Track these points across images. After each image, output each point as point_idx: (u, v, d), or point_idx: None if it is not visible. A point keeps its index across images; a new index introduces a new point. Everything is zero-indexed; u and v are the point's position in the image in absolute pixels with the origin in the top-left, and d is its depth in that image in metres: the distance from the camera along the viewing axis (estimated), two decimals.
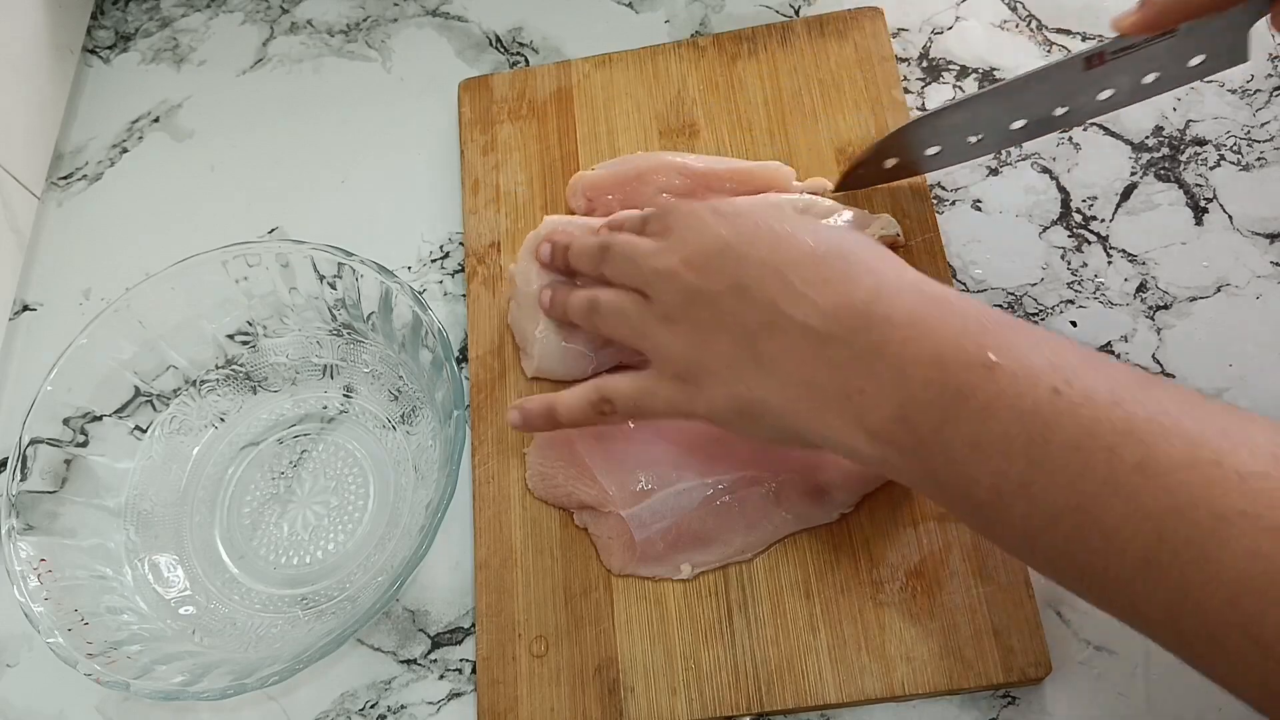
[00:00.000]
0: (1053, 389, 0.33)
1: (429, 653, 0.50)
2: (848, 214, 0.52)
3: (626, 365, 0.53)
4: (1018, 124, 0.50)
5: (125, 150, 0.67)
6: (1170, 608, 0.30)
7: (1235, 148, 0.55)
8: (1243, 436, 0.31)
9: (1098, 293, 0.52)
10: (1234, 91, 0.56)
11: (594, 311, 0.47)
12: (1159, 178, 0.55)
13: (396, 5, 0.69)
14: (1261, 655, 0.28)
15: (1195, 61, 0.47)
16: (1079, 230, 0.54)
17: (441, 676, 0.50)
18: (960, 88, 0.59)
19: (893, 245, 0.52)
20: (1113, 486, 0.31)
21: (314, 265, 0.53)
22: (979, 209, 0.55)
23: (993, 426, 0.34)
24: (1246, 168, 0.54)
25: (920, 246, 0.53)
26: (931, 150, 0.52)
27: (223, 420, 0.56)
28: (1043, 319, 0.52)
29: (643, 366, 0.53)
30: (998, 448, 0.34)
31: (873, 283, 0.38)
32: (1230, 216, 0.53)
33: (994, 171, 0.56)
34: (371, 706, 0.49)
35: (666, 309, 0.43)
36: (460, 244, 0.60)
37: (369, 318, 0.54)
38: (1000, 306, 0.53)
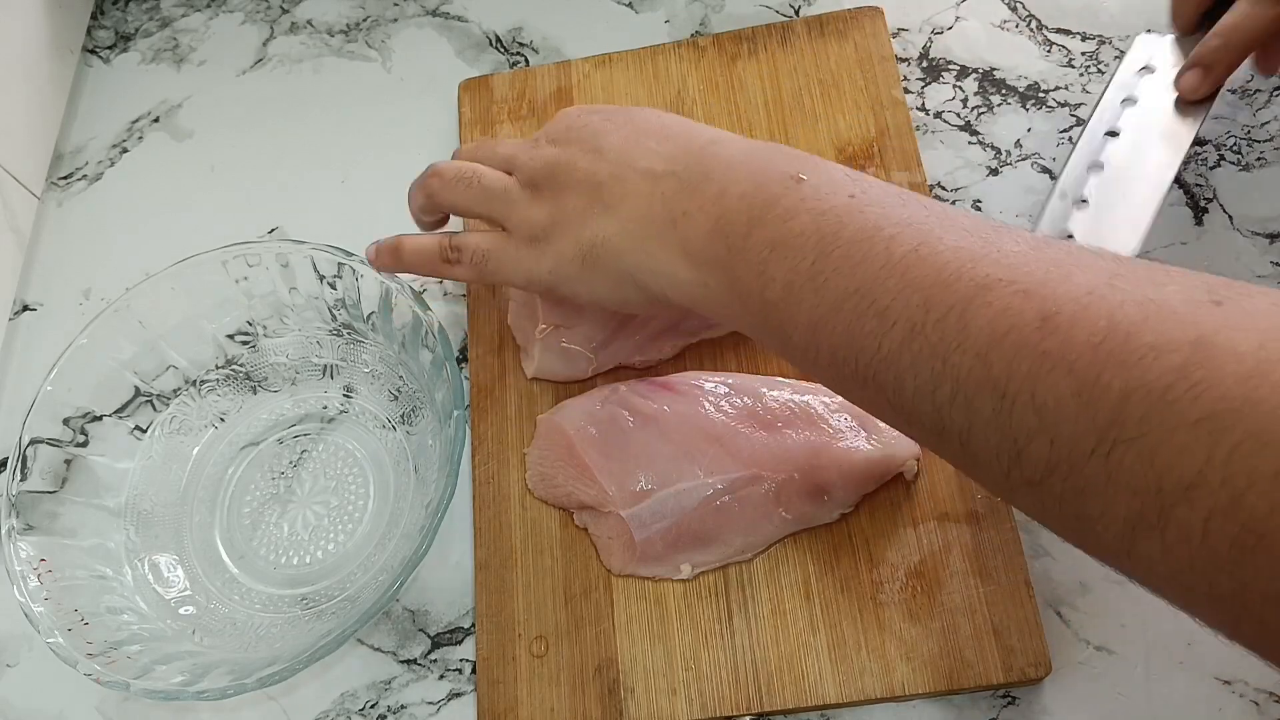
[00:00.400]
0: (849, 195, 0.37)
1: (429, 653, 0.50)
2: None
3: (628, 367, 0.53)
4: None
5: (125, 150, 0.67)
6: (931, 376, 0.32)
7: (1235, 148, 0.55)
8: (1011, 231, 0.34)
9: None
10: (1234, 92, 0.56)
11: (457, 178, 0.49)
12: None
13: (396, 5, 0.69)
14: (1006, 409, 0.30)
15: None
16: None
17: (441, 676, 0.50)
18: (960, 87, 0.59)
19: None
20: (890, 269, 0.34)
21: (314, 265, 0.53)
22: (979, 209, 0.55)
23: (792, 227, 0.37)
24: (1247, 168, 0.54)
25: None
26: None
27: (223, 420, 0.56)
28: None
29: (635, 364, 0.53)
30: (794, 245, 0.37)
31: (711, 135, 0.43)
32: (1230, 216, 0.53)
33: (994, 172, 0.56)
34: (371, 706, 0.49)
35: (529, 177, 0.46)
36: None
37: (369, 318, 0.54)
38: None
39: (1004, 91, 0.58)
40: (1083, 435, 0.28)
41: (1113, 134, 0.50)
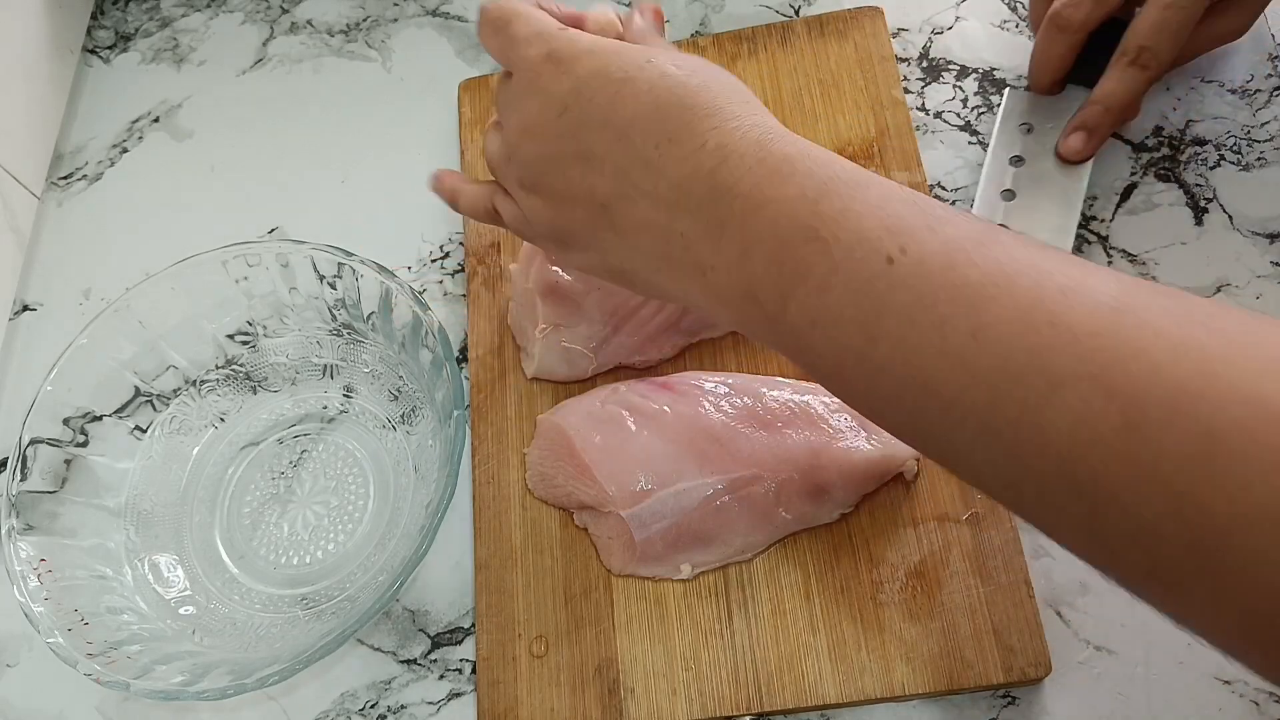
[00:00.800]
0: (886, 258, 0.32)
1: (429, 653, 0.50)
2: None
3: (628, 367, 0.53)
4: None
5: (125, 150, 0.67)
6: (1011, 475, 0.30)
7: (1235, 147, 0.55)
8: (1082, 293, 0.29)
9: None
10: (1234, 91, 0.56)
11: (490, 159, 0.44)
12: (1159, 177, 0.55)
13: (396, 5, 0.69)
14: (1096, 515, 0.28)
15: None
16: (1079, 230, 0.54)
17: (441, 676, 0.50)
18: (960, 88, 0.59)
19: None
20: (948, 358, 0.30)
21: (314, 265, 0.53)
22: None
23: (829, 302, 0.33)
24: (1246, 168, 0.54)
25: None
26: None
27: (223, 420, 0.56)
28: None
29: (635, 364, 0.53)
30: (835, 324, 0.33)
31: (716, 145, 0.36)
32: (1230, 216, 0.53)
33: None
34: (371, 706, 0.49)
35: (521, 177, 0.41)
36: (460, 244, 0.60)
37: (369, 318, 0.54)
38: None
39: (1004, 91, 0.58)
40: (1183, 556, 0.26)
41: (1008, 194, 0.53)
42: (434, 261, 0.60)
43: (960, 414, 0.30)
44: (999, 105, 0.56)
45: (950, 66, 0.60)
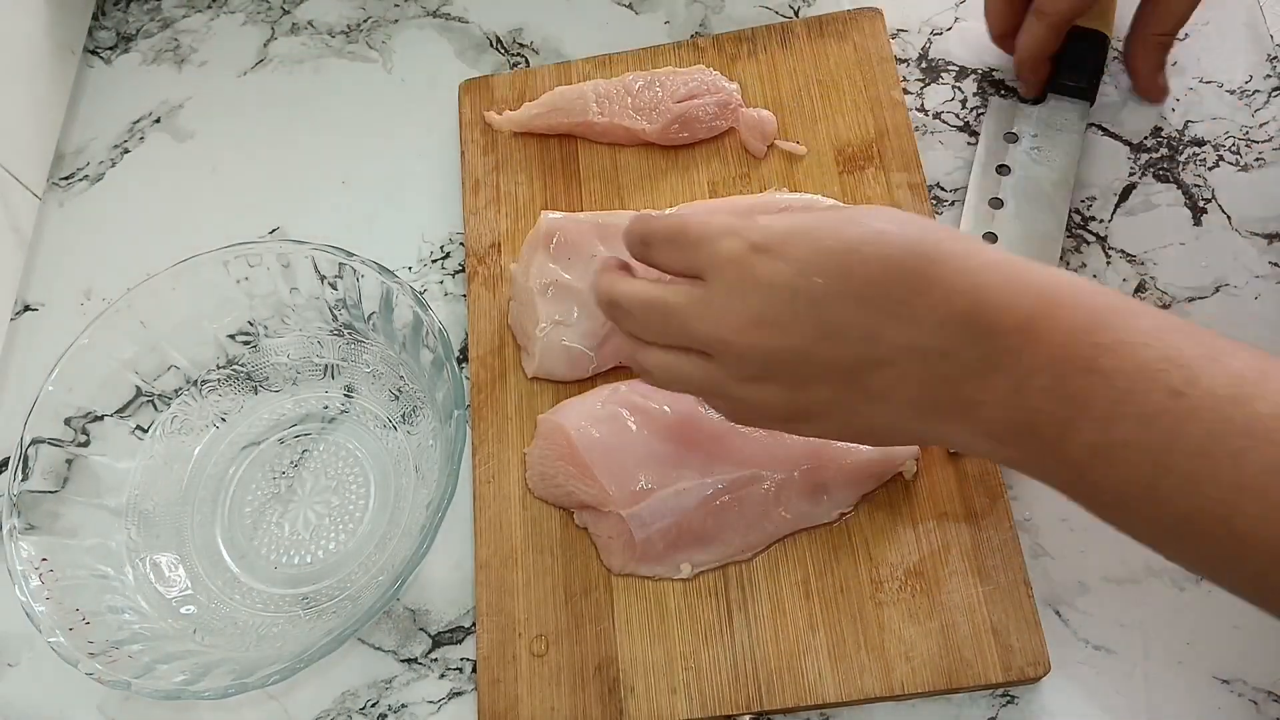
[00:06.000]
0: (1172, 390, 0.32)
1: (430, 652, 0.50)
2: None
3: (628, 366, 0.53)
4: None
5: (126, 151, 0.67)
6: None
7: (1234, 148, 0.55)
8: None
9: None
10: (1232, 92, 0.56)
11: (645, 376, 0.43)
12: (1158, 178, 0.55)
13: (397, 6, 0.69)
14: None
15: None
16: (1078, 230, 0.54)
17: (442, 675, 0.50)
18: (959, 88, 0.59)
19: None
20: (1241, 490, 0.31)
21: (315, 265, 0.53)
22: None
23: (1114, 434, 0.33)
24: (1245, 168, 0.54)
25: None
26: None
27: (224, 420, 0.56)
28: None
29: None
30: (1121, 455, 0.33)
31: (968, 284, 0.36)
32: (1229, 217, 0.53)
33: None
34: (372, 705, 0.50)
35: (746, 373, 0.39)
36: (461, 244, 0.60)
37: (370, 318, 0.54)
38: None
39: (1003, 92, 0.58)
40: None
41: (996, 202, 0.54)
42: (434, 261, 0.60)
43: (1255, 544, 0.31)
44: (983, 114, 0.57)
45: (949, 67, 0.60)
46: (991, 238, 0.53)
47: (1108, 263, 0.53)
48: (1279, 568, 0.31)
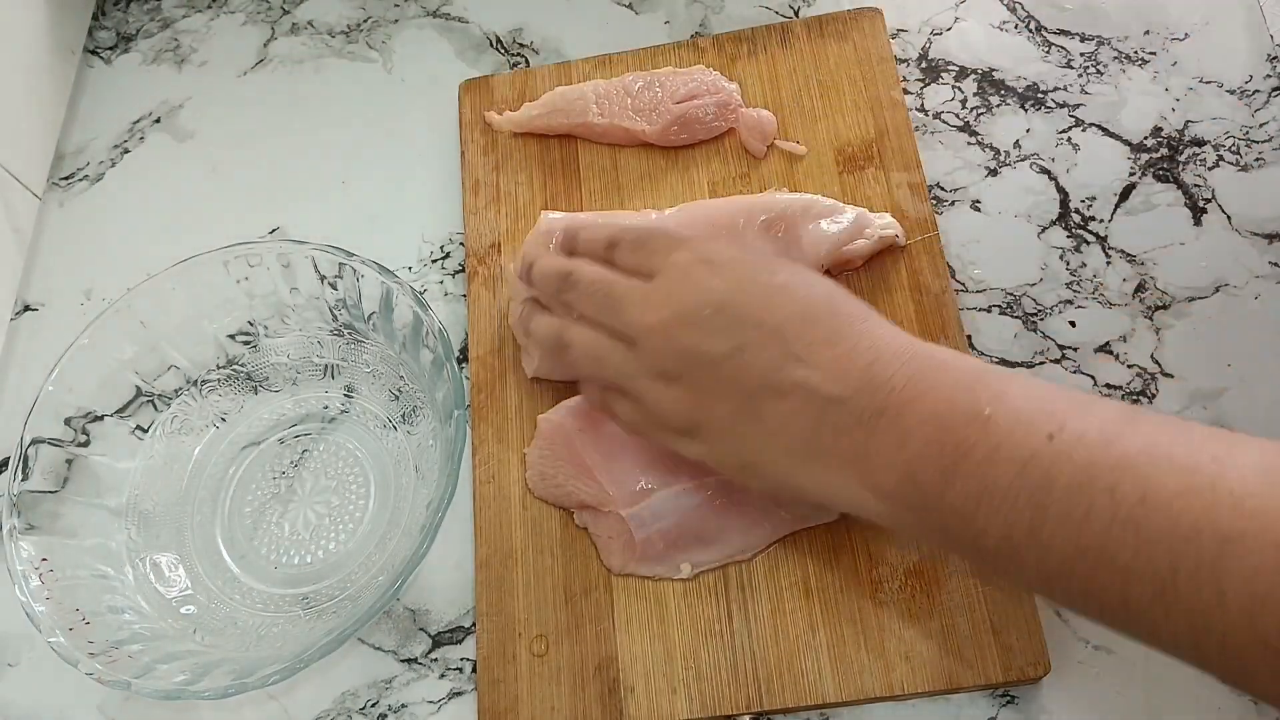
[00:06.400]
0: (1048, 435, 0.34)
1: (430, 652, 0.50)
2: (850, 212, 0.52)
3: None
4: None
5: (126, 151, 0.67)
6: (1190, 631, 0.31)
7: (1234, 148, 0.55)
8: (1231, 460, 0.32)
9: (1096, 293, 0.53)
10: (1232, 92, 0.56)
11: (563, 349, 0.46)
12: (1158, 178, 0.55)
13: (397, 6, 0.69)
14: None
15: None
16: (1078, 230, 0.54)
17: (442, 675, 0.50)
18: (959, 88, 0.59)
19: (892, 245, 0.52)
20: (1120, 523, 0.32)
21: (315, 265, 0.53)
22: (978, 209, 0.56)
23: (996, 478, 0.35)
24: (1245, 168, 0.54)
25: (920, 246, 0.53)
26: None
27: (224, 420, 0.56)
28: (1041, 319, 0.52)
29: None
30: (1003, 497, 0.35)
31: (868, 344, 0.39)
32: (1229, 217, 0.53)
33: (993, 172, 0.56)
34: (372, 705, 0.50)
35: (660, 366, 0.43)
36: (461, 244, 0.60)
37: (370, 318, 0.54)
38: (999, 307, 0.53)
39: (1003, 92, 0.58)
40: None
41: None
42: (434, 261, 0.60)
43: (1136, 577, 0.32)
44: None
45: (949, 67, 0.60)
46: None
47: (1108, 263, 0.53)
48: (1163, 600, 0.31)
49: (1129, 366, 0.51)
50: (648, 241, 0.45)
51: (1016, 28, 0.60)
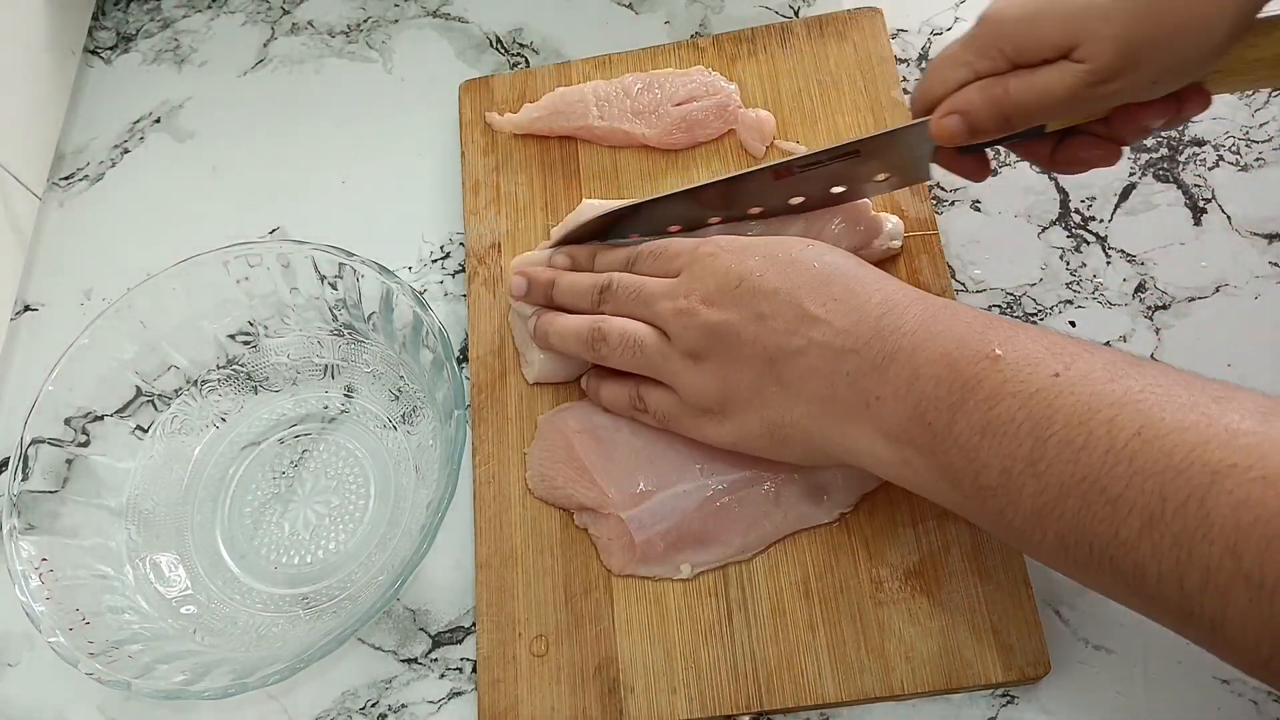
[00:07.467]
0: (1053, 373, 0.36)
1: (430, 652, 0.50)
2: (893, 220, 0.52)
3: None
4: (714, 219, 0.52)
5: (127, 151, 0.67)
6: (1176, 565, 0.32)
7: (1234, 148, 0.55)
8: (1231, 401, 0.33)
9: (1096, 293, 0.53)
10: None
11: (601, 342, 0.48)
12: (1158, 178, 0.55)
13: (397, 6, 0.69)
14: (1265, 600, 0.30)
15: (879, 178, 0.50)
16: (1078, 230, 0.54)
17: (442, 675, 0.50)
18: None
19: (891, 256, 0.52)
20: (1115, 454, 0.33)
21: (315, 265, 0.53)
22: (978, 209, 0.56)
23: (1000, 411, 0.36)
24: (1245, 168, 0.54)
25: (920, 246, 0.53)
26: (634, 236, 0.53)
27: (224, 420, 0.56)
28: (1041, 319, 0.52)
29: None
30: (1006, 430, 0.36)
31: (880, 298, 0.41)
32: (1229, 217, 0.53)
33: (993, 172, 0.56)
34: (372, 705, 0.50)
35: (690, 346, 0.45)
36: (461, 244, 0.60)
37: (370, 318, 0.54)
38: (999, 306, 0.53)
39: None
40: None
41: None
42: (434, 261, 0.60)
43: (1127, 507, 0.33)
44: None
45: None
46: None
47: (1108, 262, 0.53)
48: (1152, 530, 0.32)
49: None
50: (666, 249, 0.48)
51: None
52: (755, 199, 0.51)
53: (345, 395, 0.56)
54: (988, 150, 0.47)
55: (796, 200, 0.51)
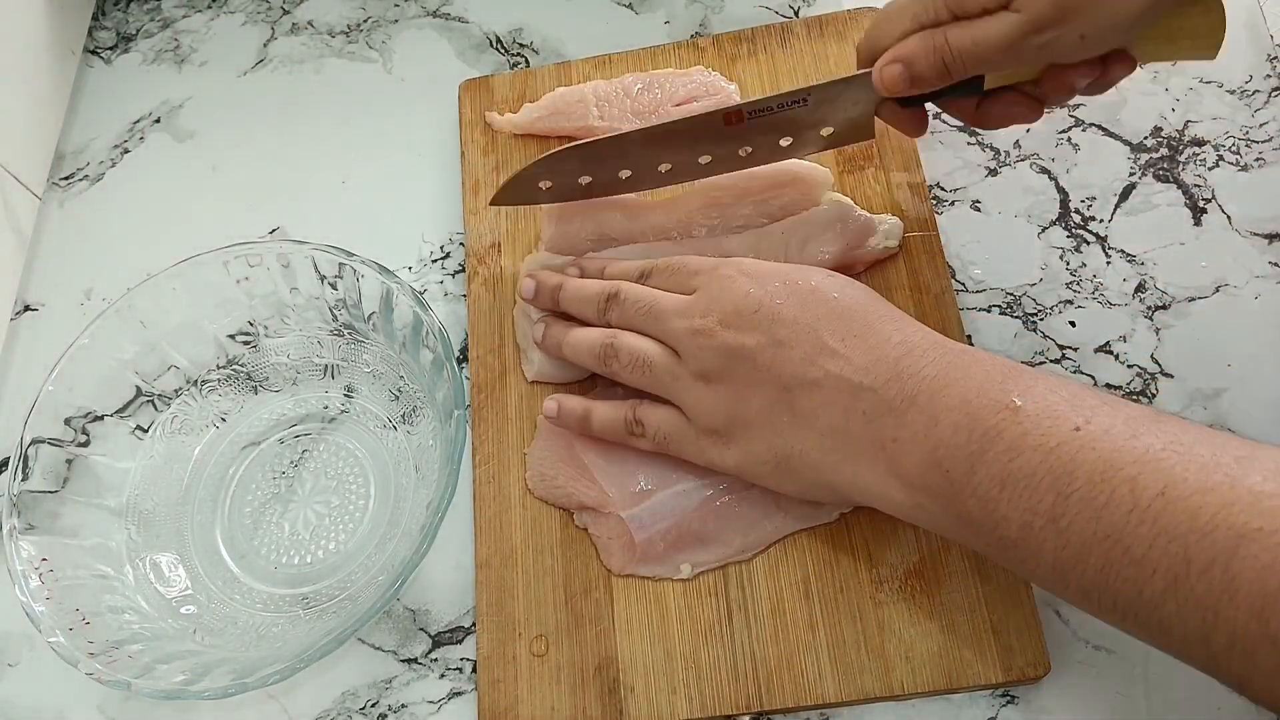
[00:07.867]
0: (1074, 426, 0.35)
1: (430, 652, 0.50)
2: (890, 220, 0.52)
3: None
4: (664, 167, 0.52)
5: (127, 151, 0.67)
6: (1201, 626, 0.32)
7: (1234, 148, 0.55)
8: (1253, 461, 0.32)
9: (1096, 293, 0.53)
10: (1232, 92, 0.56)
11: (612, 358, 0.48)
12: (1158, 178, 0.55)
13: (397, 6, 0.69)
14: None
15: (825, 132, 0.51)
16: (1078, 230, 0.54)
17: (442, 675, 0.50)
18: None
19: (890, 256, 0.52)
20: (1138, 514, 0.33)
21: (315, 265, 0.53)
22: (978, 209, 0.56)
23: (1020, 464, 0.36)
24: (1245, 168, 0.54)
25: (920, 246, 0.53)
26: (584, 179, 0.53)
27: (224, 420, 0.56)
28: (1041, 319, 0.52)
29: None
30: (1026, 484, 0.35)
31: (900, 339, 0.41)
32: (1229, 217, 0.53)
33: (993, 172, 0.56)
34: (372, 705, 0.50)
35: (703, 367, 0.45)
36: (461, 244, 0.60)
37: (370, 318, 0.54)
38: (999, 307, 0.53)
39: None
40: None
41: None
42: (434, 261, 0.60)
43: (1151, 568, 0.32)
44: None
45: None
46: None
47: (1108, 263, 0.53)
48: (1175, 591, 0.32)
49: (1129, 366, 0.51)
50: (683, 266, 0.48)
51: None
52: (706, 146, 0.51)
53: (345, 395, 0.56)
54: (926, 106, 0.48)
55: (745, 151, 0.51)
